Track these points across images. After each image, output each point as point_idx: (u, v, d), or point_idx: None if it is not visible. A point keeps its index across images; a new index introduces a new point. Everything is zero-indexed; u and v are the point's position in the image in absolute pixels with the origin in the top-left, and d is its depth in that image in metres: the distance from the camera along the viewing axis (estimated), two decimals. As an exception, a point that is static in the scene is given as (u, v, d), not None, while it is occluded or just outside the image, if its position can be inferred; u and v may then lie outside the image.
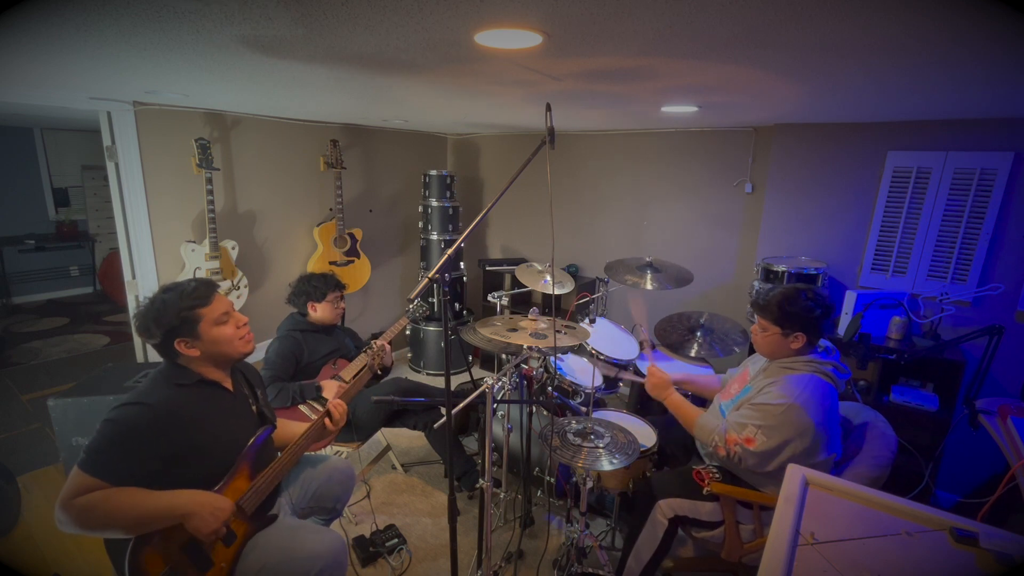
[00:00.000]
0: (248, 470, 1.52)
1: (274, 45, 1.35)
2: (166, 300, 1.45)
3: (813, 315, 1.71)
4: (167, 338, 1.44)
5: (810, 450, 1.64)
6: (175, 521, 1.32)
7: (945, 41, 1.14)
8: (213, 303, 1.48)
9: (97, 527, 1.26)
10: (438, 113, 2.92)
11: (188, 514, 1.32)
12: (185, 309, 1.44)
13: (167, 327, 1.42)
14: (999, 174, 2.38)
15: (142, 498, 1.30)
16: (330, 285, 2.48)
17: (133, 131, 2.72)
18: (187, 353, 1.46)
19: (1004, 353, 2.45)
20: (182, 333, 1.44)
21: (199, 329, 1.45)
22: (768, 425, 1.66)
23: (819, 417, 1.64)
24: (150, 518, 1.30)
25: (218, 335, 1.48)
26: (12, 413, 3.36)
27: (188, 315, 1.44)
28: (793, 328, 1.73)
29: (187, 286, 1.49)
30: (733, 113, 2.53)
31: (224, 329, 1.49)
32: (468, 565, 2.20)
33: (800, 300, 1.73)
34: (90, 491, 1.26)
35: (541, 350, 2.07)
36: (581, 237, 3.98)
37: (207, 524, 1.32)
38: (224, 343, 1.49)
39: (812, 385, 1.68)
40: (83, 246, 6.09)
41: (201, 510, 1.33)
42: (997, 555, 1.01)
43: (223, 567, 1.42)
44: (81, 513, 1.24)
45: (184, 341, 1.45)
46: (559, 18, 1.06)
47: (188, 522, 1.32)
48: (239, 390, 1.62)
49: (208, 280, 1.55)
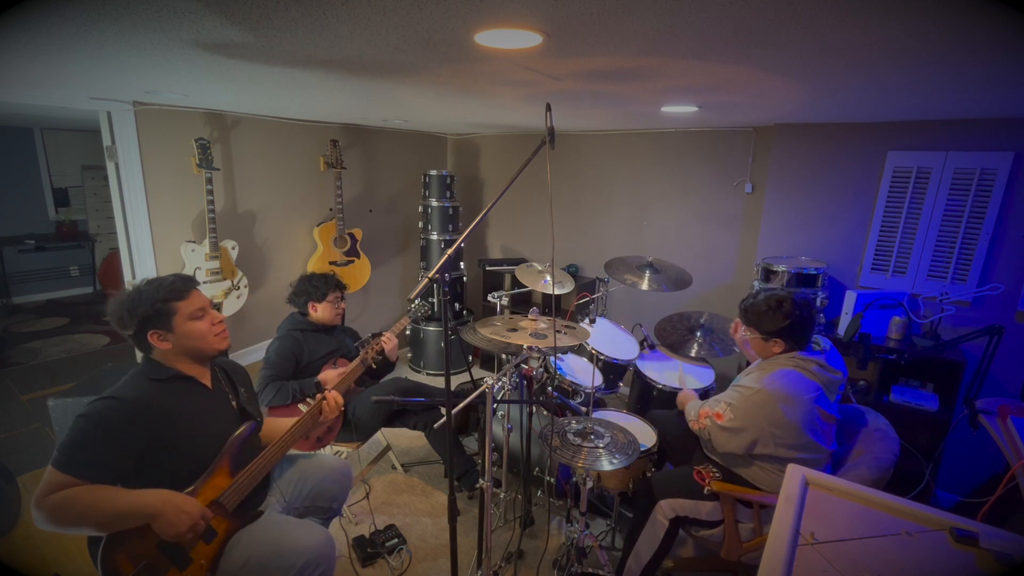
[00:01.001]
0: (229, 466, 1.50)
1: (274, 45, 1.35)
2: (142, 291, 1.46)
3: (784, 325, 1.77)
4: (140, 329, 1.44)
5: (783, 440, 1.69)
6: (143, 521, 1.30)
7: (945, 41, 1.14)
8: (189, 298, 1.49)
9: (69, 524, 1.25)
10: (438, 113, 2.92)
11: (154, 515, 1.30)
12: (160, 301, 1.44)
13: (140, 317, 1.43)
14: (999, 174, 2.38)
15: (112, 496, 1.29)
16: (331, 285, 2.48)
17: (133, 131, 2.72)
18: (160, 346, 1.46)
19: (1004, 353, 2.45)
20: (156, 325, 1.45)
21: (173, 322, 1.46)
22: (736, 405, 1.77)
23: (792, 409, 1.67)
24: (119, 517, 1.29)
25: (192, 330, 1.48)
26: (12, 413, 3.36)
27: (163, 307, 1.44)
28: (772, 335, 1.81)
29: (165, 280, 1.50)
30: (733, 113, 2.53)
31: (199, 324, 1.50)
32: (468, 565, 2.20)
33: (776, 310, 1.79)
34: (63, 488, 1.25)
35: (541, 350, 2.07)
36: (581, 237, 3.98)
37: (172, 526, 1.30)
38: (197, 338, 1.50)
39: (788, 378, 1.72)
40: (83, 246, 6.09)
41: (167, 511, 1.31)
42: (997, 555, 1.01)
43: (203, 564, 1.41)
44: (53, 510, 1.23)
45: (157, 333, 1.45)
46: (559, 18, 1.06)
47: (154, 523, 1.30)
48: (218, 387, 1.62)
49: (187, 276, 1.56)
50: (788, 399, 1.69)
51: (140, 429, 1.35)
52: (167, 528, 1.30)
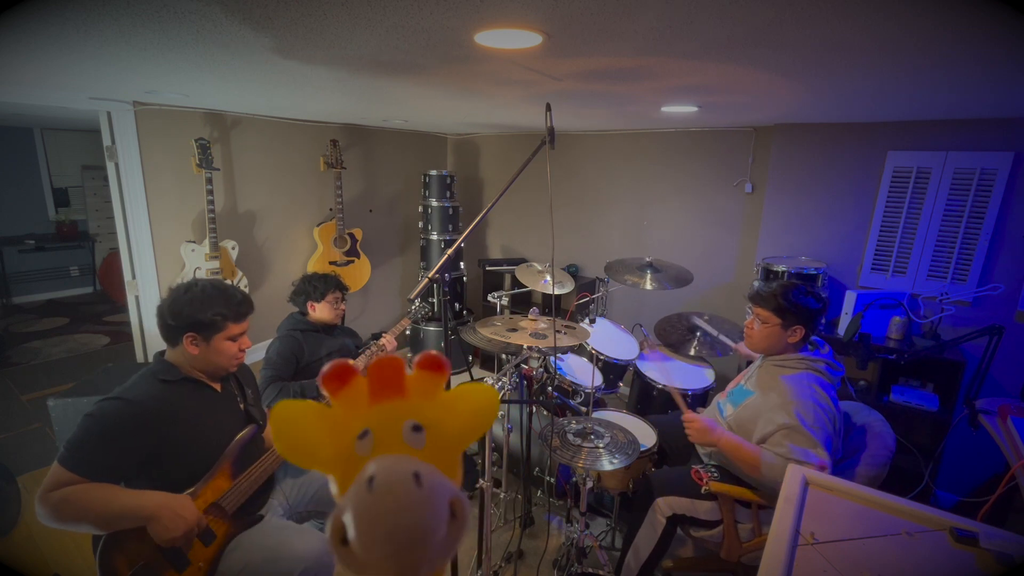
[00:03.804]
0: (230, 469, 1.51)
1: (274, 45, 1.35)
2: (205, 296, 1.46)
3: (813, 308, 1.75)
4: (184, 327, 1.45)
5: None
6: (141, 522, 1.30)
7: (945, 41, 1.14)
8: (243, 323, 1.52)
9: (70, 521, 1.26)
10: (438, 113, 2.92)
11: (151, 517, 1.30)
12: (219, 315, 1.46)
13: (193, 320, 1.44)
14: (999, 174, 2.38)
15: (113, 496, 1.29)
16: (330, 286, 2.48)
17: (133, 131, 2.72)
18: (189, 350, 1.47)
19: (1004, 353, 2.45)
20: (199, 331, 1.46)
21: (214, 337, 1.47)
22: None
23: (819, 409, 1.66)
24: (118, 517, 1.29)
25: (223, 348, 1.50)
26: (12, 413, 3.36)
27: (219, 321, 1.46)
28: (794, 321, 1.76)
29: (235, 295, 1.51)
30: (733, 113, 2.53)
31: (231, 345, 1.52)
32: (468, 565, 2.20)
33: (801, 293, 1.76)
34: (66, 485, 1.26)
35: (541, 350, 2.07)
36: (581, 237, 3.98)
37: (167, 531, 1.30)
38: (223, 358, 1.52)
39: (808, 381, 1.71)
40: (83, 246, 6.09)
41: (163, 515, 1.30)
42: (997, 555, 1.01)
43: (201, 566, 1.41)
44: (56, 507, 1.24)
45: (194, 338, 1.46)
46: (559, 18, 1.06)
47: (149, 526, 1.30)
48: (227, 389, 1.62)
49: (250, 299, 1.57)
50: (818, 400, 1.67)
51: (146, 432, 1.36)
52: (161, 532, 1.30)
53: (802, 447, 1.59)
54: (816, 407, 1.64)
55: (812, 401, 1.65)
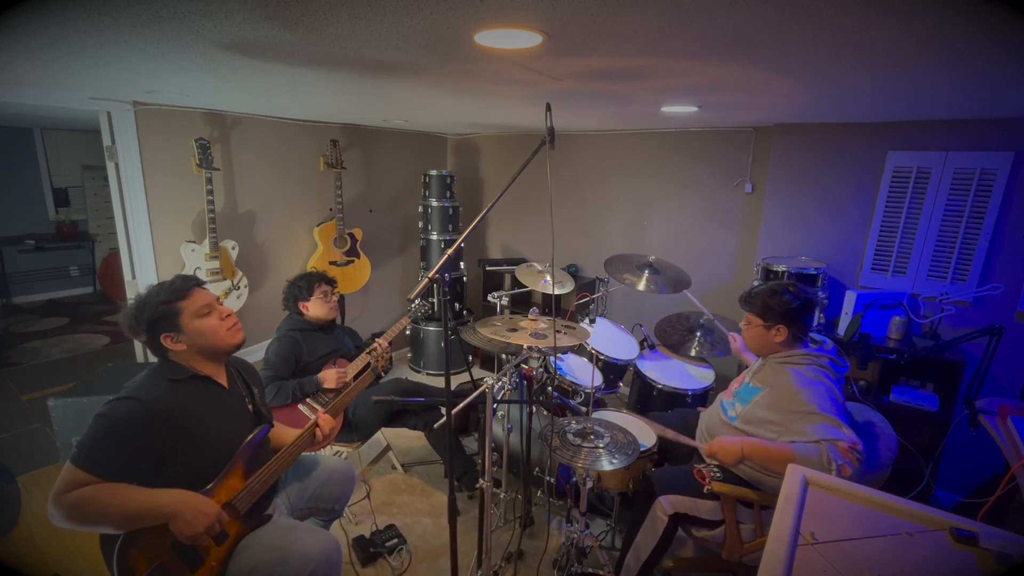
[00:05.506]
0: (243, 469, 1.51)
1: (275, 45, 1.35)
2: (146, 297, 1.46)
3: (791, 307, 1.77)
4: (152, 334, 1.45)
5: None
6: (161, 520, 1.31)
7: (945, 41, 1.14)
8: (192, 296, 1.49)
9: (87, 522, 1.26)
10: (438, 113, 2.92)
11: (172, 514, 1.30)
12: (163, 303, 1.44)
13: (148, 322, 1.44)
14: (999, 174, 2.38)
15: (130, 495, 1.29)
16: (314, 280, 2.49)
17: (133, 131, 2.72)
18: (174, 348, 1.47)
19: (1004, 353, 2.45)
20: (164, 328, 1.45)
21: (180, 322, 1.46)
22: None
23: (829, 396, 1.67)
24: (137, 515, 1.29)
25: (201, 327, 1.48)
26: (12, 413, 3.36)
27: (167, 309, 1.44)
28: (774, 320, 1.79)
29: (166, 282, 1.50)
30: (733, 113, 2.53)
31: (207, 321, 1.49)
32: (468, 565, 2.20)
33: (781, 294, 1.80)
34: (81, 486, 1.26)
35: (541, 350, 2.07)
36: (581, 237, 3.98)
37: (190, 527, 1.31)
38: (209, 335, 1.49)
39: (813, 373, 1.74)
40: (83, 246, 6.09)
41: (185, 512, 1.31)
42: (997, 555, 1.01)
43: (214, 566, 1.42)
44: (71, 508, 1.24)
45: (169, 336, 1.46)
46: (559, 18, 1.06)
47: (172, 523, 1.31)
48: (235, 387, 1.62)
49: (189, 275, 1.55)
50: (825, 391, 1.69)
51: (158, 431, 1.36)
52: (184, 528, 1.30)
53: (828, 427, 1.58)
54: (827, 393, 1.67)
55: (823, 387, 1.68)
